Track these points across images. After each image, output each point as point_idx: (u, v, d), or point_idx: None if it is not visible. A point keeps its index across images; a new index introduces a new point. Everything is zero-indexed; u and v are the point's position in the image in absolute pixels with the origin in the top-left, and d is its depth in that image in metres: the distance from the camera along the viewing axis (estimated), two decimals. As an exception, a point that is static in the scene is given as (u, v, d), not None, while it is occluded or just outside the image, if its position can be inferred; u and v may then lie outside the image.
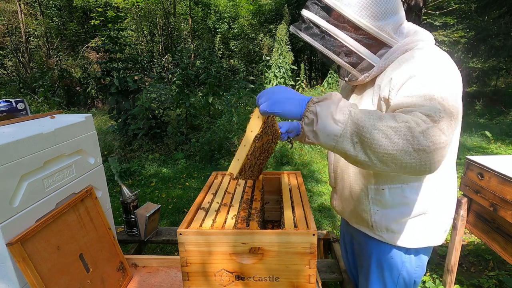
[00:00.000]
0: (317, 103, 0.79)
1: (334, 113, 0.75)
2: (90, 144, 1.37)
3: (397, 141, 0.71)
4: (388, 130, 0.71)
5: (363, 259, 1.20)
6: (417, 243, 1.06)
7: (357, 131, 0.73)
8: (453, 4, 9.92)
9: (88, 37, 16.06)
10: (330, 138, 0.76)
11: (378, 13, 0.90)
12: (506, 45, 8.83)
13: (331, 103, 0.77)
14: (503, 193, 1.60)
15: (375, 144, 0.72)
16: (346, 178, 1.13)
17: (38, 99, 8.64)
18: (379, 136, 0.71)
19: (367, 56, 0.96)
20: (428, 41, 0.97)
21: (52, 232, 1.07)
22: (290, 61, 6.58)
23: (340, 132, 0.75)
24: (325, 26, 0.94)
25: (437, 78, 0.83)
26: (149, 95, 6.32)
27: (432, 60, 0.88)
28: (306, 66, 11.72)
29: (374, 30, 0.92)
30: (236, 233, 0.95)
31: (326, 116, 0.76)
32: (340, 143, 0.75)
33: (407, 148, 0.71)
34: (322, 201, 3.79)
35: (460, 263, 2.44)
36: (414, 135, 0.70)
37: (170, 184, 4.48)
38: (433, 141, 0.70)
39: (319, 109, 0.77)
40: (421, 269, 1.13)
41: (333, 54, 0.97)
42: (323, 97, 0.80)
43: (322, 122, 0.76)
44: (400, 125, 0.72)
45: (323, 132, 0.76)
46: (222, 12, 17.14)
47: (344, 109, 0.76)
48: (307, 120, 0.80)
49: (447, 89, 0.81)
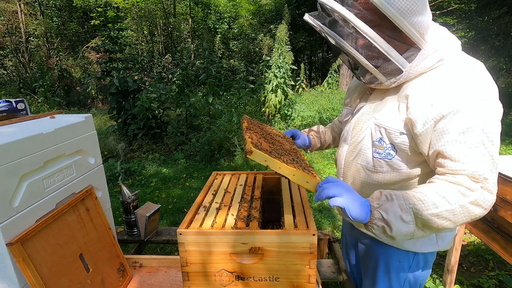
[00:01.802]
0: (378, 208, 0.84)
1: (402, 215, 0.82)
2: (90, 144, 1.37)
3: (457, 220, 0.82)
4: (447, 214, 0.81)
5: (369, 261, 1.19)
6: (426, 247, 1.05)
7: (422, 223, 0.83)
8: (453, 4, 9.92)
9: (88, 37, 16.06)
10: (407, 237, 0.85)
11: (411, 7, 0.76)
12: (506, 45, 8.84)
13: (392, 206, 0.83)
14: (503, 193, 1.60)
15: (440, 227, 0.83)
16: (356, 183, 1.11)
17: (38, 99, 8.64)
18: (442, 222, 0.82)
19: (396, 59, 0.84)
20: (458, 46, 0.90)
21: (52, 232, 1.07)
22: (290, 61, 6.57)
23: (413, 230, 0.83)
24: (349, 18, 0.78)
25: (482, 117, 0.80)
26: (149, 95, 6.32)
27: (475, 86, 0.81)
28: (306, 66, 11.73)
29: (407, 27, 0.79)
30: (236, 233, 0.95)
31: (397, 221, 0.82)
32: (415, 235, 0.84)
33: (465, 219, 0.83)
34: (322, 201, 3.78)
35: (460, 263, 2.44)
36: (469, 210, 0.81)
37: (170, 184, 4.48)
38: (484, 206, 0.81)
39: (386, 215, 0.83)
40: (428, 272, 1.13)
41: (358, 53, 0.84)
42: (381, 200, 0.85)
43: (396, 228, 0.82)
44: (455, 207, 0.80)
45: (400, 235, 0.83)
46: (222, 12, 17.14)
47: (405, 208, 0.83)
48: (377, 227, 0.84)
49: (493, 122, 0.81)
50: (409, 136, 0.91)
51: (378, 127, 0.97)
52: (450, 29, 10.39)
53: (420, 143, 0.88)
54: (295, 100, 7.55)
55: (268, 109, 6.59)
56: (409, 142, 0.92)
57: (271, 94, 6.47)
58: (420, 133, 0.86)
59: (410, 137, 0.91)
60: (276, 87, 6.44)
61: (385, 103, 0.97)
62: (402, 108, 0.91)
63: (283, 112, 6.69)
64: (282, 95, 6.47)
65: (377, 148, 0.99)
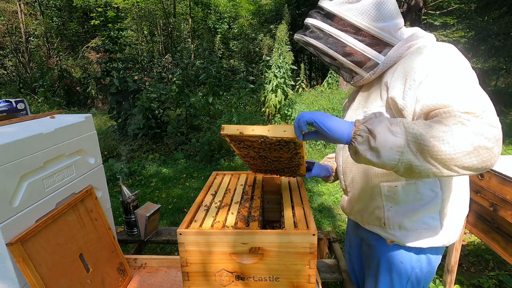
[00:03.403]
0: (364, 122, 0.78)
1: (389, 125, 0.74)
2: (90, 144, 1.37)
3: (455, 143, 0.69)
4: (443, 135, 0.70)
5: (372, 261, 1.19)
6: (430, 242, 1.04)
7: (414, 140, 0.72)
8: (453, 4, 9.93)
9: (88, 37, 16.07)
10: (394, 151, 0.73)
11: (377, 16, 0.98)
12: (506, 45, 8.84)
13: (380, 119, 0.76)
14: (503, 193, 1.60)
15: (436, 150, 0.70)
16: (357, 178, 1.12)
17: (38, 99, 8.65)
18: (436, 143, 0.70)
19: (371, 54, 1.00)
20: (429, 38, 1.00)
21: (52, 232, 1.07)
22: (290, 61, 6.57)
23: (402, 143, 0.72)
24: (328, 30, 1.01)
25: (455, 70, 0.83)
26: (149, 95, 6.32)
27: (443, 55, 0.88)
28: (306, 66, 11.73)
29: (375, 30, 0.98)
30: (236, 233, 0.95)
31: (383, 130, 0.74)
32: (404, 154, 0.72)
33: (467, 148, 0.69)
34: (322, 201, 3.79)
35: (460, 263, 2.44)
36: (469, 136, 0.69)
37: (170, 184, 4.48)
38: (488, 137, 0.70)
39: (371, 126, 0.76)
40: (431, 274, 1.12)
41: (339, 55, 1.02)
42: (368, 117, 0.79)
43: (381, 136, 0.73)
44: (452, 128, 0.71)
45: (385, 147, 0.73)
46: (222, 12, 17.15)
47: (395, 121, 0.75)
48: (361, 139, 0.77)
49: (469, 78, 0.82)
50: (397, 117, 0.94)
51: None
52: (450, 29, 10.33)
53: (406, 117, 0.90)
54: (295, 100, 7.55)
55: (268, 109, 6.59)
56: None
57: (271, 94, 6.47)
58: (403, 106, 0.89)
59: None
60: (276, 87, 6.44)
61: (371, 96, 1.07)
62: (383, 94, 0.99)
63: (283, 112, 6.69)
64: (282, 95, 6.48)
65: None
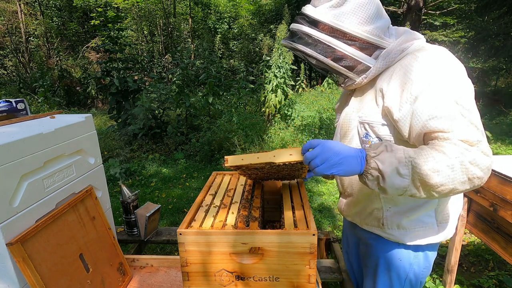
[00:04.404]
0: (375, 157, 0.82)
1: (398, 167, 0.80)
2: (90, 144, 1.37)
3: (455, 177, 0.78)
4: (446, 169, 0.78)
5: (370, 260, 1.19)
6: (428, 239, 1.05)
7: (419, 179, 0.79)
8: (453, 4, 9.93)
9: (88, 37, 16.08)
10: (399, 191, 0.82)
11: (361, 19, 0.95)
12: (506, 45, 8.83)
13: (390, 157, 0.81)
14: (503, 193, 1.60)
15: (438, 188, 0.79)
16: (355, 181, 1.12)
17: (38, 99, 8.64)
18: (440, 179, 0.78)
19: (362, 58, 0.98)
20: (421, 40, 0.99)
21: (52, 232, 1.07)
22: (290, 61, 6.57)
23: (408, 185, 0.81)
24: (315, 35, 0.97)
25: (452, 84, 0.85)
26: (149, 95, 6.32)
27: (439, 64, 0.88)
28: (306, 66, 11.71)
29: (363, 34, 0.96)
30: (236, 233, 0.95)
31: (392, 173, 0.80)
32: (408, 191, 0.82)
33: (463, 179, 0.79)
34: (322, 201, 3.79)
35: (460, 263, 2.44)
36: (467, 167, 0.78)
37: (170, 184, 4.48)
38: (481, 167, 0.78)
39: (381, 165, 0.81)
40: (428, 269, 1.13)
41: (329, 60, 0.99)
42: (379, 150, 0.83)
43: (389, 180, 0.80)
44: (454, 162, 0.78)
45: (392, 188, 0.81)
46: (222, 12, 17.15)
47: (405, 161, 0.80)
48: (371, 177, 0.83)
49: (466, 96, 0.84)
50: (391, 126, 0.97)
51: (362, 124, 1.04)
52: (450, 29, 10.34)
53: (401, 128, 0.92)
54: (295, 100, 7.55)
55: (268, 109, 6.59)
56: (393, 131, 0.98)
57: (271, 94, 6.47)
58: (399, 119, 0.91)
59: (392, 127, 0.97)
60: (276, 87, 6.44)
61: (365, 100, 1.06)
62: (379, 100, 0.99)
63: (283, 112, 6.69)
64: (282, 95, 6.48)
65: (365, 144, 1.04)
